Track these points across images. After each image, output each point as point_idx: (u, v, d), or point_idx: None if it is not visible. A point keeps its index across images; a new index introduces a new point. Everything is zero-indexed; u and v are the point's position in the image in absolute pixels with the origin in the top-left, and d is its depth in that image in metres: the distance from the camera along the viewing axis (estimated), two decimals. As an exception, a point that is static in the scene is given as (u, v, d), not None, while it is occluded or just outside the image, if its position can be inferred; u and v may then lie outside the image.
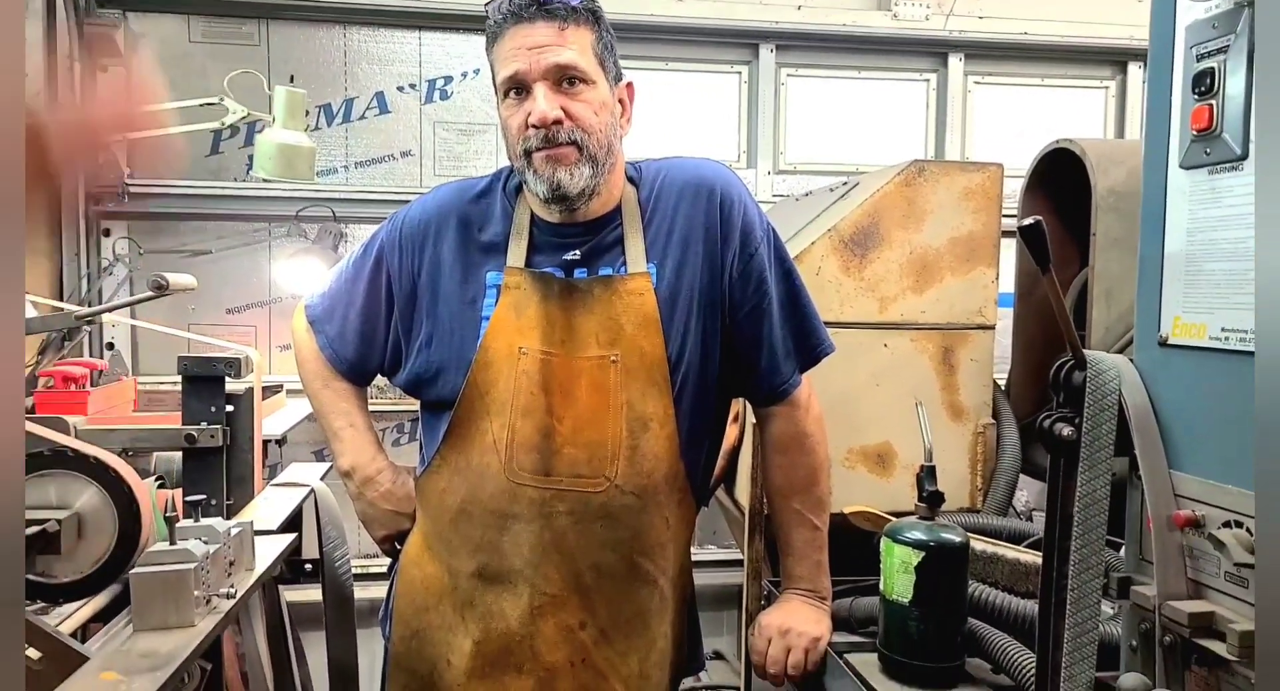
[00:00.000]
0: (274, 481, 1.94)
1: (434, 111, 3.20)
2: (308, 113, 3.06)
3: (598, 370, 1.32)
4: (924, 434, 1.26)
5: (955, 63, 3.40)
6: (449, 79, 3.21)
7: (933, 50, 3.40)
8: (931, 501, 1.23)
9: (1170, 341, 0.83)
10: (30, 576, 0.93)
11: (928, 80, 3.44)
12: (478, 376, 1.33)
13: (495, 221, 1.40)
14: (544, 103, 1.23)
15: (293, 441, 2.87)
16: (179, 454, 1.76)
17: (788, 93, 3.40)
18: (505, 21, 1.27)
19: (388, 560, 3.21)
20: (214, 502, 1.73)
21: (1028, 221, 0.81)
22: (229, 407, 1.74)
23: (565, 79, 1.26)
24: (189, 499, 1.12)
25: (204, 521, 1.05)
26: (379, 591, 3.08)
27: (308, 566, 1.82)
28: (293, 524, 1.84)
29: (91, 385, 2.37)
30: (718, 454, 1.54)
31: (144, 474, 1.95)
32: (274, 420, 2.53)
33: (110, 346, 2.94)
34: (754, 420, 1.69)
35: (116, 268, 2.92)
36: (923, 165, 1.78)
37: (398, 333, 1.44)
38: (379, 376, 1.54)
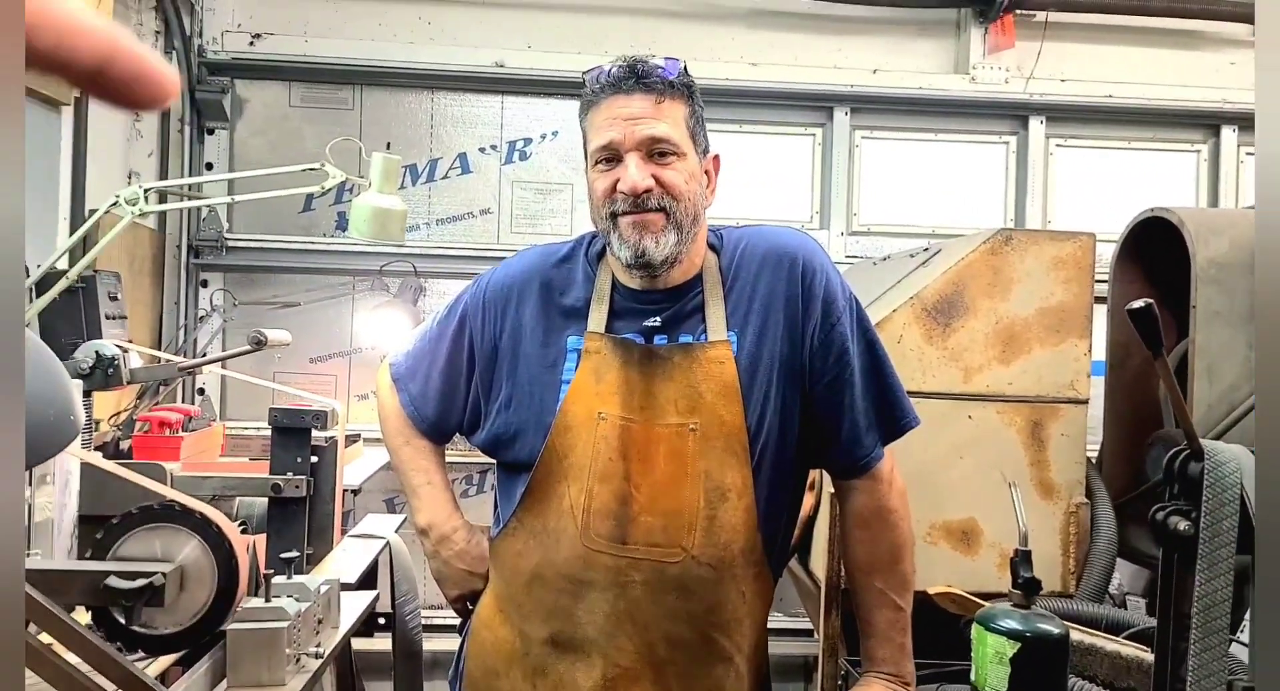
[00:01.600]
0: (351, 532, 1.97)
1: (513, 172, 3.31)
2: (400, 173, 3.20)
3: (676, 438, 1.31)
4: (1018, 515, 1.22)
5: (1036, 126, 3.37)
6: (528, 140, 3.31)
7: (1012, 113, 3.38)
8: (1027, 589, 1.17)
9: (1297, 433, 0.79)
10: (135, 628, 0.96)
11: (1007, 143, 3.41)
12: (557, 440, 1.33)
13: (577, 286, 1.42)
14: (635, 172, 1.26)
15: (366, 490, 2.93)
16: (262, 499, 1.81)
17: (862, 154, 3.41)
18: (603, 91, 1.31)
19: (452, 614, 3.22)
20: (296, 553, 1.77)
21: (1139, 304, 0.79)
22: (313, 459, 1.80)
23: (657, 151, 1.29)
24: (283, 556, 1.15)
25: (296, 578, 1.07)
26: (444, 643, 3.10)
27: (381, 620, 1.83)
28: (370, 576, 1.86)
29: (184, 430, 2.47)
30: (795, 526, 1.51)
31: (229, 518, 2.01)
32: (352, 469, 2.59)
33: (201, 392, 3.06)
34: (832, 490, 1.66)
35: (212, 317, 3.05)
36: (1010, 233, 1.75)
37: (478, 393, 1.46)
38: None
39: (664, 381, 1.32)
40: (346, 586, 1.53)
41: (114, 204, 1.74)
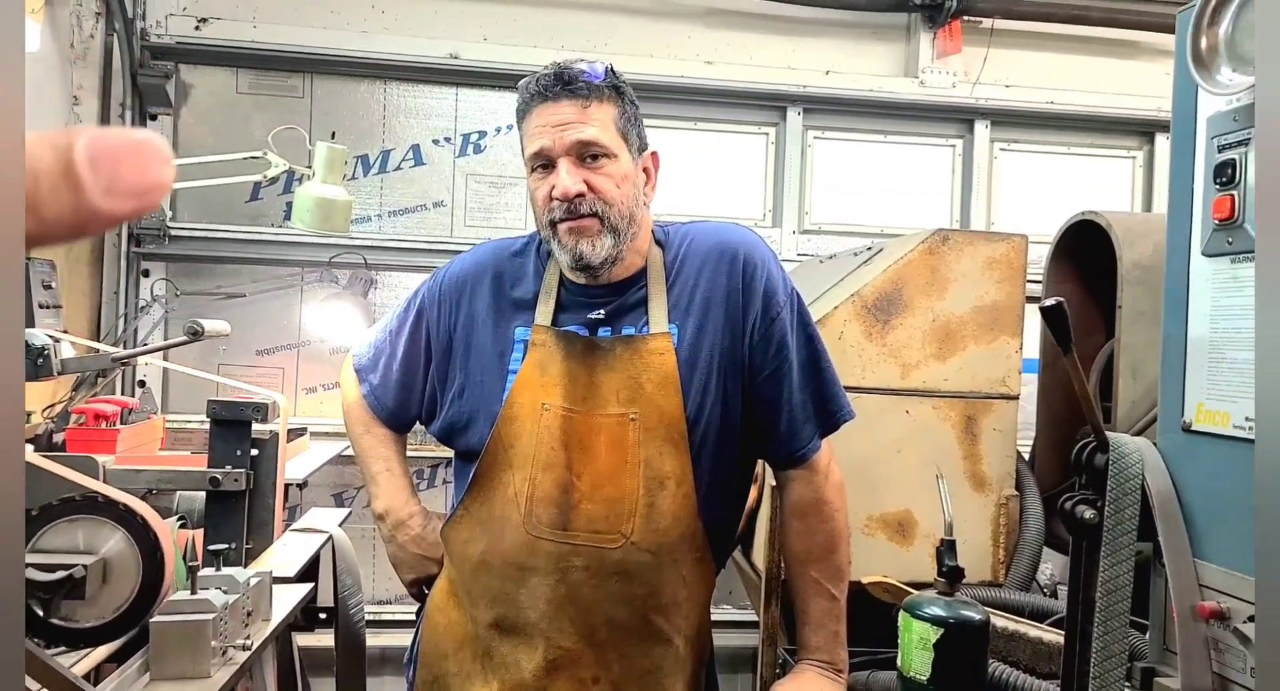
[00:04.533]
0: (294, 526, 1.95)
1: (467, 164, 3.29)
2: (346, 162, 3.16)
3: (617, 427, 1.34)
4: (944, 506, 1.25)
5: (981, 129, 3.44)
6: (483, 134, 3.29)
7: (959, 117, 3.45)
8: (951, 576, 1.21)
9: (1194, 428, 0.82)
10: (54, 621, 0.94)
11: (953, 146, 3.49)
12: (502, 430, 1.37)
13: (528, 279, 1.45)
14: (566, 177, 1.29)
15: (313, 484, 2.89)
16: (201, 494, 1.78)
17: (814, 154, 3.46)
18: (533, 99, 1.33)
19: (398, 608, 3.20)
20: (234, 546, 1.75)
21: (1049, 302, 0.82)
22: (254, 451, 1.77)
23: (588, 154, 1.32)
24: (211, 547, 1.14)
25: (225, 570, 1.06)
26: (389, 639, 3.08)
27: (322, 614, 1.82)
28: (310, 570, 1.84)
29: (122, 422, 2.42)
30: (741, 514, 1.54)
31: (166, 513, 1.97)
32: (297, 463, 2.55)
33: (142, 384, 2.99)
34: (773, 483, 1.68)
35: (153, 308, 2.98)
36: (947, 234, 1.79)
37: (435, 384, 1.49)
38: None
39: (606, 372, 1.35)
40: (283, 580, 1.51)
41: (46, 189, 1.69)
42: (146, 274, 3.01)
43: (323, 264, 3.06)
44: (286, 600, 1.29)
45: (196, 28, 3.04)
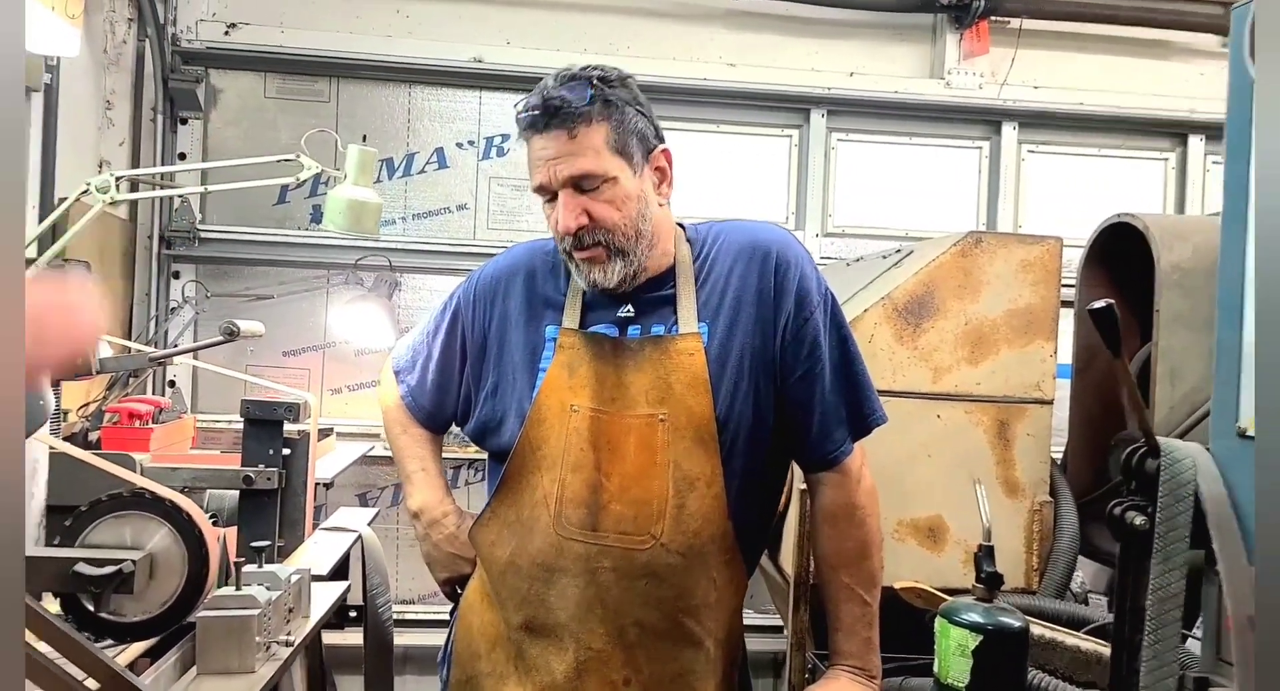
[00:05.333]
0: (323, 525, 1.96)
1: (490, 167, 3.30)
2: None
3: (646, 428, 1.34)
4: (982, 512, 1.25)
5: (1009, 131, 3.42)
6: (505, 137, 3.31)
7: (986, 118, 3.43)
8: (990, 583, 1.20)
9: (1249, 433, 0.82)
10: (103, 614, 0.95)
11: (980, 148, 3.46)
12: (530, 432, 1.36)
13: (558, 279, 1.45)
14: (564, 214, 1.28)
15: (339, 484, 2.91)
16: (231, 492, 1.80)
17: (837, 157, 3.45)
18: (527, 131, 1.33)
19: (421, 608, 3.21)
20: (267, 544, 1.76)
21: (1100, 304, 0.81)
22: (285, 451, 1.79)
23: (584, 184, 1.30)
24: (253, 544, 1.15)
25: (267, 567, 1.07)
26: (415, 638, 3.09)
27: (353, 613, 1.83)
28: (340, 569, 1.86)
29: (154, 422, 2.45)
30: (773, 517, 1.53)
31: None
32: (324, 463, 2.57)
33: (172, 384, 3.03)
34: (802, 486, 1.67)
35: (184, 309, 3.02)
36: (980, 236, 1.78)
37: (469, 384, 1.50)
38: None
39: (635, 373, 1.34)
40: (318, 578, 1.53)
41: (84, 192, 1.72)
42: (177, 276, 3.05)
43: (349, 266, 3.08)
44: (324, 597, 1.30)
45: (226, 33, 3.07)
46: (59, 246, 1.77)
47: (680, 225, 1.47)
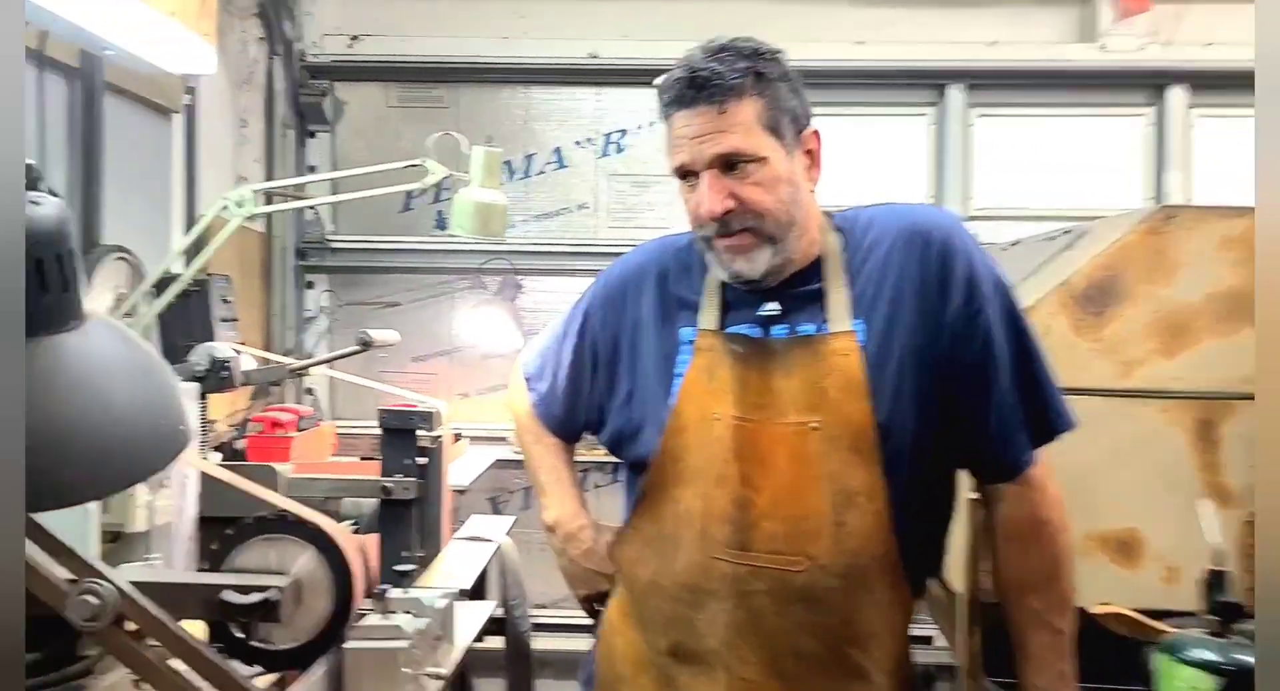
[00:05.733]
0: (459, 534, 1.94)
1: (609, 164, 3.24)
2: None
3: (796, 438, 1.22)
4: (1209, 532, 1.06)
5: (1176, 95, 3.08)
6: (624, 132, 3.24)
7: (1148, 82, 3.10)
8: (1226, 614, 1.02)
9: None
10: (254, 643, 0.92)
11: (1142, 115, 3.14)
12: (670, 443, 1.27)
13: (692, 277, 1.35)
14: (709, 197, 1.18)
15: (471, 490, 2.91)
16: (370, 499, 1.79)
17: (978, 134, 3.20)
18: (669, 107, 1.23)
19: (554, 613, 3.18)
20: (405, 554, 1.74)
21: None
22: (421, 460, 1.77)
23: (733, 163, 1.20)
24: (397, 568, 1.10)
25: (412, 592, 1.02)
26: (551, 643, 3.07)
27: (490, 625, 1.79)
28: (480, 580, 1.82)
29: (297, 430, 2.50)
30: (943, 534, 1.38)
31: (336, 518, 2.01)
32: (455, 469, 2.56)
33: (310, 392, 3.11)
34: (972, 495, 1.52)
35: (318, 318, 3.10)
36: (1173, 211, 1.56)
37: (602, 391, 1.42)
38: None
39: (783, 377, 1.22)
40: (462, 594, 1.49)
41: (223, 207, 1.74)
42: (311, 286, 3.13)
43: (473, 271, 3.08)
44: (470, 620, 1.24)
45: (349, 45, 3.13)
46: (201, 261, 1.81)
47: (826, 213, 1.33)
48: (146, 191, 2.41)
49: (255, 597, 0.89)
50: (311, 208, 3.04)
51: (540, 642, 3.06)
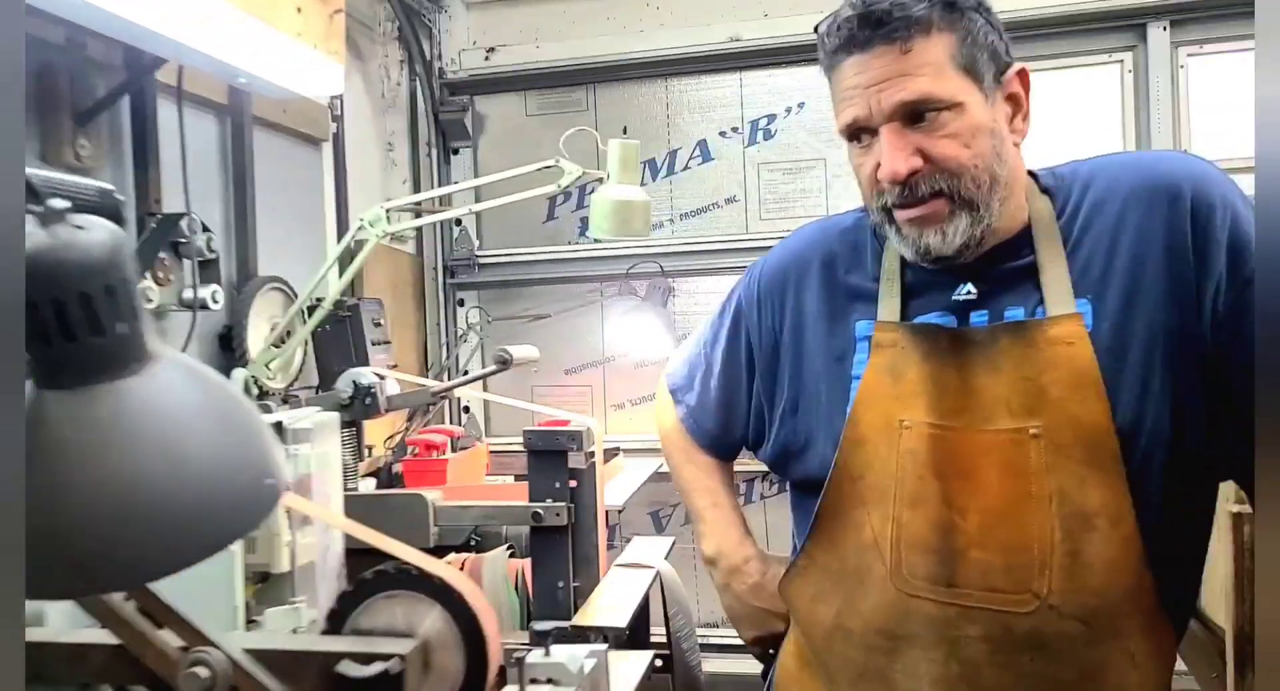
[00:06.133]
0: (619, 561, 1.79)
1: (757, 153, 3.03)
2: (640, 161, 3.05)
3: (1012, 447, 0.99)
4: None
5: None
6: (771, 118, 3.02)
7: None
8: None
9: None
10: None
11: None
12: (848, 457, 1.07)
13: (864, 260, 1.15)
14: (890, 155, 0.99)
15: (630, 504, 2.79)
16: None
17: (1188, 78, 2.74)
18: (836, 53, 1.03)
19: (723, 632, 2.99)
20: (560, 585, 1.62)
21: None
22: (572, 483, 1.64)
23: (919, 113, 0.99)
24: (537, 628, 0.95)
25: (554, 657, 0.87)
26: (720, 666, 2.89)
27: (658, 661, 1.63)
28: (641, 612, 1.67)
29: (452, 450, 2.47)
30: (1203, 558, 1.10)
31: (496, 540, 1.92)
32: (613, 486, 2.44)
33: (467, 411, 3.09)
34: (1234, 509, 1.23)
35: (469, 335, 3.08)
36: None
37: (760, 400, 1.24)
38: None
39: (989, 374, 1.01)
40: (619, 637, 1.34)
41: (360, 228, 1.69)
42: (461, 303, 3.12)
43: (620, 276, 2.96)
44: (626, 675, 1.08)
45: (486, 58, 3.10)
46: (344, 282, 1.78)
47: (1031, 174, 1.09)
48: (300, 221, 2.44)
49: (376, 668, 0.77)
50: (457, 222, 3.03)
51: (711, 665, 2.90)
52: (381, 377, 1.69)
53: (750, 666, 1.37)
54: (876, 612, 1.05)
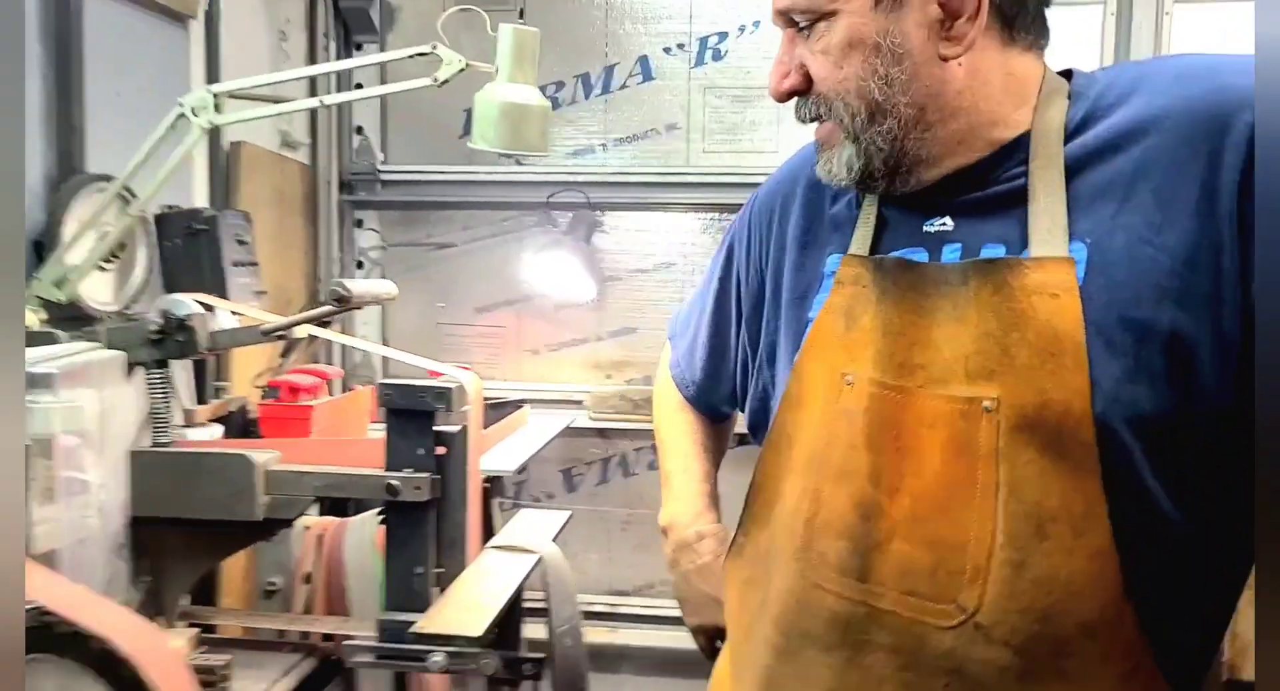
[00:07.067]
0: (494, 542, 1.51)
1: (705, 76, 2.69)
2: (562, 84, 2.68)
3: (960, 420, 0.79)
4: None
5: None
6: (723, 36, 2.67)
7: None
8: None
9: None
10: None
11: None
12: (785, 416, 0.92)
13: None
14: (773, 70, 0.90)
15: (542, 458, 2.51)
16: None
17: (1174, 25, 2.47)
18: None
19: (636, 601, 2.77)
20: (419, 571, 1.34)
21: None
22: (440, 450, 1.34)
23: (801, 23, 0.84)
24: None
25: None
26: (632, 638, 2.67)
27: (526, 666, 1.37)
28: (513, 606, 1.40)
29: (331, 393, 2.15)
30: (1235, 593, 0.85)
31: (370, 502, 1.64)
32: (510, 444, 2.16)
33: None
34: None
35: (366, 263, 2.72)
36: None
37: (746, 349, 1.09)
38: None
39: (953, 324, 0.81)
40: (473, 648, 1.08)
41: (179, 116, 1.32)
42: (360, 224, 2.75)
43: (540, 205, 2.62)
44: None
45: (400, -61, 2.67)
46: (154, 186, 1.38)
47: (1064, 74, 0.86)
48: (157, 113, 2.04)
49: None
50: (359, 130, 2.64)
51: (623, 637, 2.69)
52: (208, 307, 1.36)
53: (664, 639, 1.18)
54: (778, 603, 0.89)
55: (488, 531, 1.79)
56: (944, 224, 0.86)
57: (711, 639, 1.15)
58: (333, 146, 2.66)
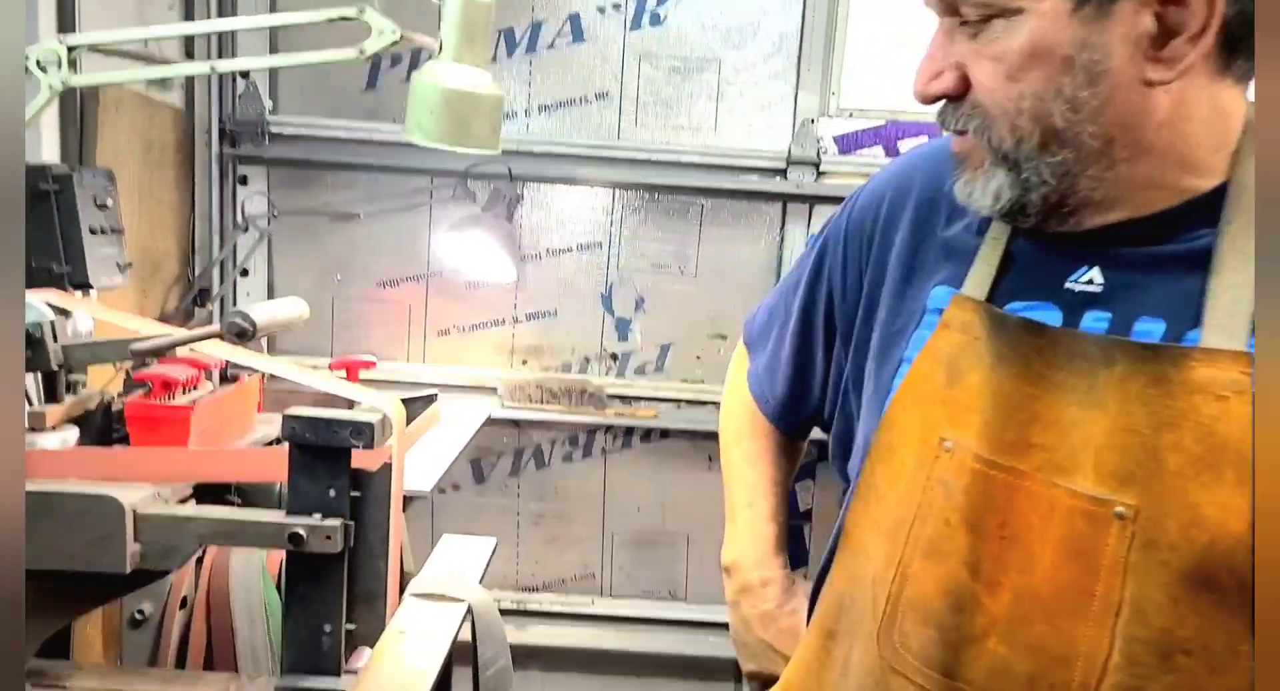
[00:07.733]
0: (415, 589, 1.33)
1: (640, 41, 2.47)
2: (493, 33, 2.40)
3: (1083, 520, 0.70)
4: None
5: None
6: (663, -1, 2.46)
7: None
8: None
9: None
10: None
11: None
12: (877, 466, 0.82)
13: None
14: (922, 66, 0.75)
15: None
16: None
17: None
18: None
19: (546, 597, 2.63)
20: (328, 630, 1.15)
21: None
22: (354, 493, 1.14)
23: (971, 15, 0.70)
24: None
25: None
26: (542, 637, 2.54)
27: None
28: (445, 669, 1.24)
29: (215, 384, 1.86)
30: None
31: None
32: (424, 448, 1.94)
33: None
34: None
35: (252, 230, 2.39)
36: None
37: (838, 365, 0.98)
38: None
39: (1085, 408, 0.71)
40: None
41: (25, 72, 1.03)
42: (244, 181, 2.41)
43: (457, 174, 2.36)
44: None
45: None
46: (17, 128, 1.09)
47: None
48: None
49: None
50: (244, 75, 2.29)
51: (531, 635, 2.56)
52: (63, 313, 1.09)
53: (574, 638, 1.06)
54: (854, 676, 0.81)
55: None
56: (1090, 281, 0.74)
57: (765, 686, 1.08)
58: (212, 89, 2.30)
